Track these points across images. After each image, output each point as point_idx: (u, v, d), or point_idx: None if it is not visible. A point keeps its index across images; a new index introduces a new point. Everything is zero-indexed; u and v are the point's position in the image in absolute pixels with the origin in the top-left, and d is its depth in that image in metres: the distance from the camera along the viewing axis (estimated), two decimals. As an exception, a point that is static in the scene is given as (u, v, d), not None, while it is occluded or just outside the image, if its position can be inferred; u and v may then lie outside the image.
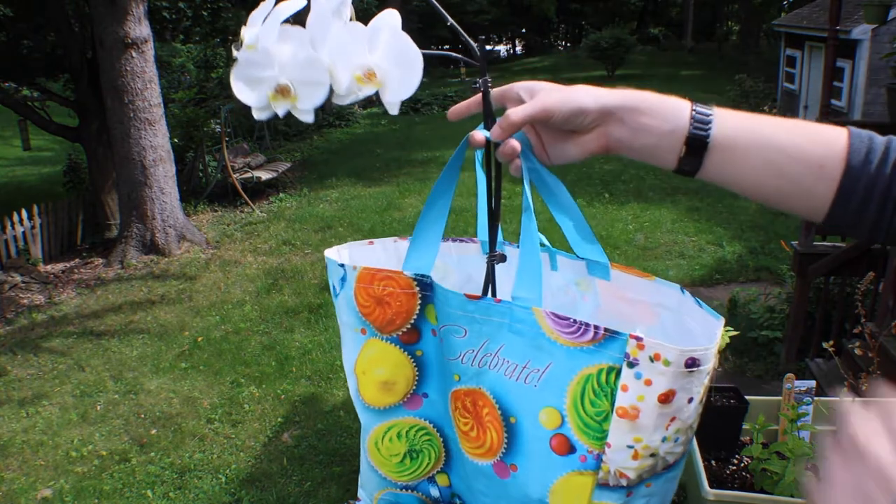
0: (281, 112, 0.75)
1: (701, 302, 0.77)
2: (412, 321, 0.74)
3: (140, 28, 6.34)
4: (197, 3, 8.60)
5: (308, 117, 0.78)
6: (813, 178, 0.59)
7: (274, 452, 3.52)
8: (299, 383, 4.20)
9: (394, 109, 0.80)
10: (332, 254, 0.96)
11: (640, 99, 0.62)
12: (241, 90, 0.75)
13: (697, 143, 0.61)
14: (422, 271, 0.74)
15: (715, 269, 5.64)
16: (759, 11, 20.33)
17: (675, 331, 0.79)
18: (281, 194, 8.82)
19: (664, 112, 0.62)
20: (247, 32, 0.74)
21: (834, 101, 8.27)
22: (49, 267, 6.64)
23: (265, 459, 3.48)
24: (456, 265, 1.04)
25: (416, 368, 0.78)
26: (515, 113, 0.64)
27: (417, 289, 0.74)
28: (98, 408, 4.08)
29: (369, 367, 0.79)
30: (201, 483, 3.33)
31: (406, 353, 0.76)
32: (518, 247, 0.74)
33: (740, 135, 0.61)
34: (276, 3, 0.75)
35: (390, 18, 0.77)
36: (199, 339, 4.90)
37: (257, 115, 0.77)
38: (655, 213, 7.08)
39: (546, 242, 0.98)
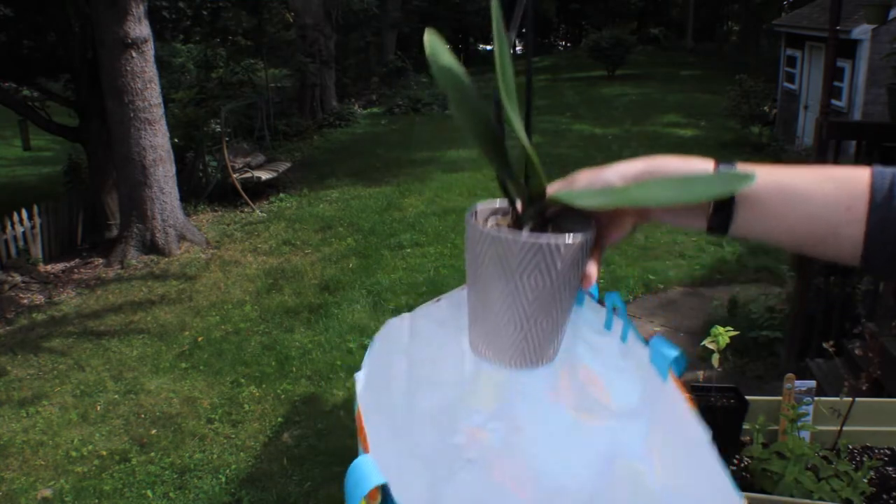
0: None
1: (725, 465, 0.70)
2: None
3: (140, 28, 6.34)
4: (197, 3, 8.60)
5: None
6: (842, 222, 0.58)
7: (274, 452, 3.52)
8: (299, 383, 4.20)
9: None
10: (395, 324, 0.94)
11: (663, 165, 0.61)
12: None
13: (724, 201, 0.59)
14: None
15: (715, 269, 5.64)
16: (759, 11, 20.32)
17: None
18: (281, 194, 8.82)
19: None
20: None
21: (834, 101, 8.26)
22: (49, 267, 6.64)
23: (265, 459, 3.48)
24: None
25: None
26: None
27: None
28: (98, 408, 4.08)
29: None
30: (201, 483, 3.33)
31: None
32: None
33: (765, 188, 0.59)
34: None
35: None
36: (200, 339, 4.90)
37: None
38: (655, 212, 7.08)
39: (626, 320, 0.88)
